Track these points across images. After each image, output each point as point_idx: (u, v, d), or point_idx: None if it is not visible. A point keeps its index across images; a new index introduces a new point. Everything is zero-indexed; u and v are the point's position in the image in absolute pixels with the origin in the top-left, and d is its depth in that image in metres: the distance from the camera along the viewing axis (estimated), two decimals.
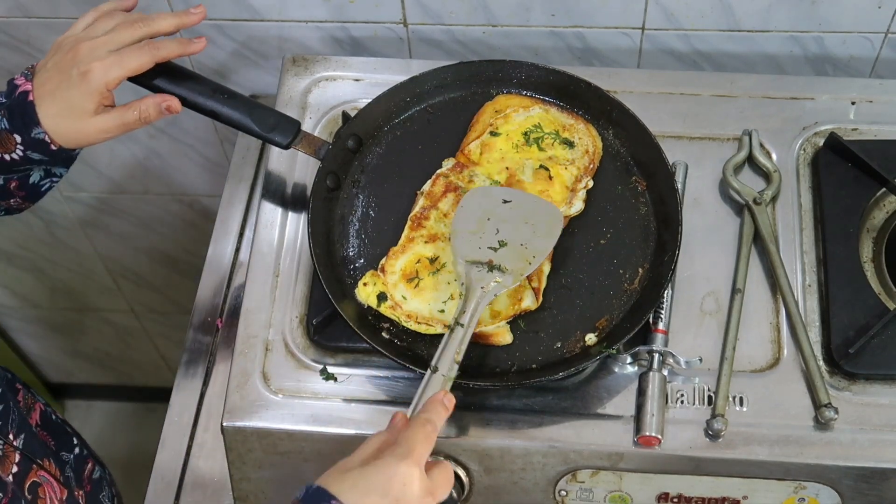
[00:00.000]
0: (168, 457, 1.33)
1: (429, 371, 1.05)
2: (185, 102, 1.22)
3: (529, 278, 1.16)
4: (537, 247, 1.13)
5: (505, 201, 1.17)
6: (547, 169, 1.23)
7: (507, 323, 1.17)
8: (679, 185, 1.26)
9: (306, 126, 1.36)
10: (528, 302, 1.16)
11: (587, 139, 1.27)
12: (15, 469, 1.10)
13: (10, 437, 1.12)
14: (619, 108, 1.29)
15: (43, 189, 1.22)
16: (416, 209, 1.22)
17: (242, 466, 1.22)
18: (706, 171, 1.33)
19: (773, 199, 1.30)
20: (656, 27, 1.49)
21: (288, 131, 1.24)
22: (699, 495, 1.20)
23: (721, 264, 1.26)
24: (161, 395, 1.48)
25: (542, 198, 1.20)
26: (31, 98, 1.12)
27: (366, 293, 1.18)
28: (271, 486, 1.24)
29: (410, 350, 1.17)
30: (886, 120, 1.36)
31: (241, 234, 1.49)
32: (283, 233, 1.30)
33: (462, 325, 1.07)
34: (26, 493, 1.11)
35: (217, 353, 1.40)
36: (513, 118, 1.27)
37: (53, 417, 1.34)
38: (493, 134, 1.26)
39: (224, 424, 1.18)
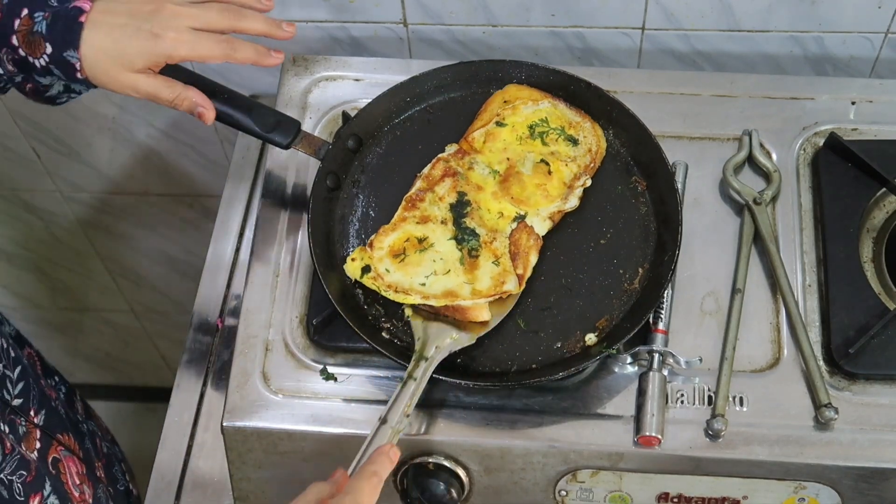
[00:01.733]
0: (168, 457, 1.33)
1: (377, 422, 1.06)
2: None
3: (514, 264, 1.17)
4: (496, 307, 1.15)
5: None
6: (547, 164, 1.23)
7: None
8: (679, 185, 1.26)
9: (306, 126, 1.36)
10: (510, 286, 1.16)
11: (592, 138, 1.27)
12: (38, 445, 1.10)
13: (32, 413, 1.12)
14: (619, 108, 1.29)
15: (59, 101, 1.17)
16: (413, 190, 1.23)
17: (242, 466, 1.22)
18: (706, 171, 1.33)
19: (773, 199, 1.30)
20: (656, 27, 1.49)
21: (288, 131, 1.24)
22: (699, 495, 1.20)
23: (721, 264, 1.26)
24: (161, 395, 1.48)
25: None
26: (82, 19, 1.04)
27: (353, 268, 1.18)
28: (271, 486, 1.24)
29: (410, 350, 1.17)
30: (886, 120, 1.36)
31: (241, 234, 1.49)
32: (283, 233, 1.30)
33: (414, 380, 1.09)
34: (50, 469, 1.11)
35: (217, 353, 1.40)
36: (521, 110, 1.27)
37: (64, 389, 1.35)
38: (499, 124, 1.26)
39: (224, 424, 1.18)
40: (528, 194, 1.21)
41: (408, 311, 1.16)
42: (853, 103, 1.37)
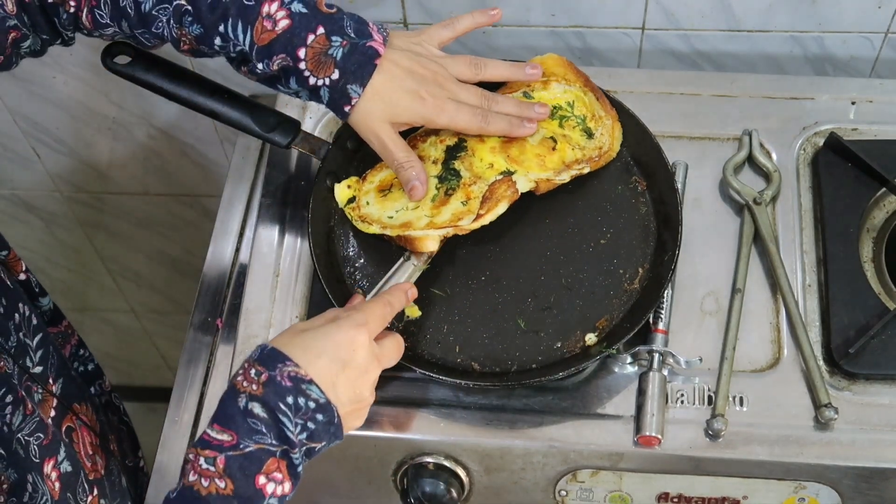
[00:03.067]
0: (168, 457, 1.33)
1: (402, 258, 1.13)
2: (185, 102, 1.22)
3: (482, 206, 1.17)
4: None
5: None
6: (555, 141, 1.22)
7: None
8: (679, 185, 1.26)
9: (306, 126, 1.36)
10: (465, 222, 1.16)
11: (607, 137, 1.26)
12: (53, 413, 1.11)
13: (50, 381, 1.13)
14: (619, 108, 1.28)
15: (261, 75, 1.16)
16: (419, 132, 1.24)
17: None
18: (706, 171, 1.33)
19: (773, 199, 1.30)
20: (656, 27, 1.49)
21: (288, 131, 1.24)
22: (699, 495, 1.20)
23: (721, 264, 1.26)
24: (161, 395, 1.48)
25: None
26: (377, 62, 1.10)
27: (342, 195, 1.22)
28: None
29: (411, 350, 1.17)
30: (886, 120, 1.36)
31: (241, 234, 1.48)
32: (283, 233, 1.30)
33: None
34: (63, 437, 1.12)
35: (217, 353, 1.40)
36: (551, 87, 1.26)
37: (92, 365, 1.38)
38: (526, 95, 1.25)
39: None
40: (525, 158, 1.20)
41: None
42: (853, 103, 1.37)
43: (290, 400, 0.94)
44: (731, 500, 1.20)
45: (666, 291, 1.20)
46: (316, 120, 1.38)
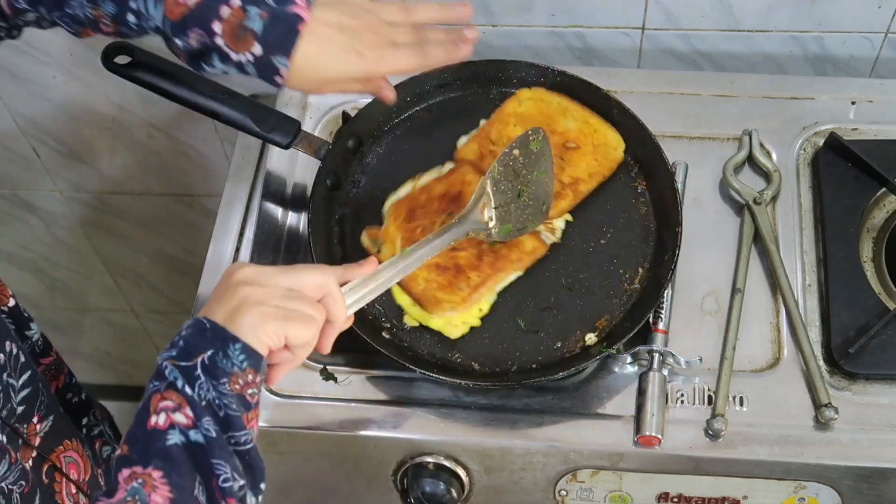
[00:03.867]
0: None
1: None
2: (185, 102, 1.22)
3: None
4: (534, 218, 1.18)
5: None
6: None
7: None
8: (679, 185, 1.26)
9: (306, 126, 1.36)
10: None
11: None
12: (34, 454, 1.10)
13: (35, 420, 1.12)
14: (619, 108, 1.28)
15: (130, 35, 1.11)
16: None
17: None
18: (706, 171, 1.33)
19: (773, 199, 1.30)
20: (656, 27, 1.49)
21: (288, 131, 1.24)
22: (699, 495, 1.20)
23: (721, 264, 1.26)
24: None
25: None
26: (300, 28, 1.03)
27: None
28: (271, 486, 1.23)
29: (410, 350, 1.17)
30: (886, 120, 1.36)
31: (241, 234, 1.48)
32: (283, 233, 1.30)
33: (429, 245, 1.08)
34: (43, 479, 1.11)
35: None
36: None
37: (73, 380, 1.35)
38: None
39: None
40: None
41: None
42: (853, 103, 1.37)
43: (168, 346, 0.94)
44: (731, 500, 1.20)
45: (666, 291, 1.20)
46: (316, 120, 1.38)
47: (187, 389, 0.90)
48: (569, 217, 1.24)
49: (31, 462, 1.09)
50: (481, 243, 1.19)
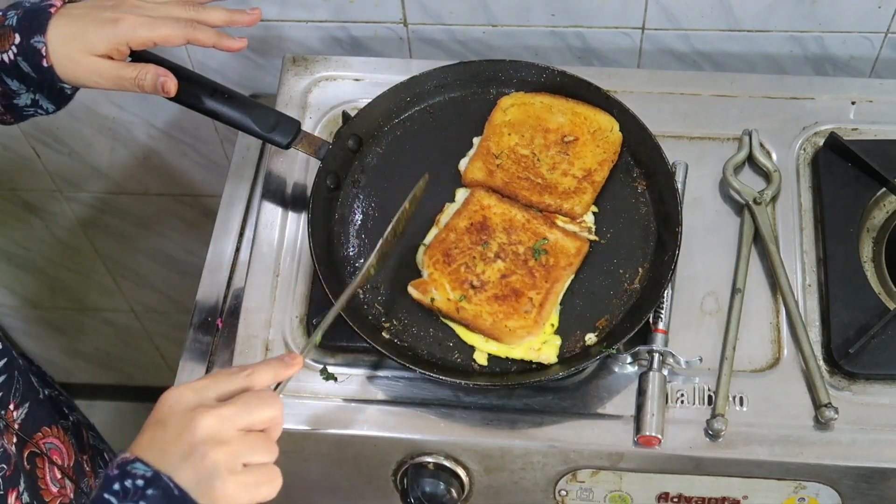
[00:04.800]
0: None
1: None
2: (185, 102, 1.22)
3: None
4: None
5: None
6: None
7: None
8: (679, 185, 1.26)
9: (306, 126, 1.36)
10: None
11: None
12: (15, 440, 1.10)
13: (11, 407, 1.12)
14: (619, 108, 1.29)
15: (25, 114, 1.20)
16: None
17: None
18: (706, 171, 1.33)
19: (773, 198, 1.30)
20: (656, 27, 1.49)
21: (288, 131, 1.24)
22: (699, 495, 1.20)
23: (721, 264, 1.26)
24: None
25: None
26: (51, 10, 1.11)
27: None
28: None
29: (410, 350, 1.17)
30: (886, 120, 1.36)
31: (241, 234, 1.49)
32: (283, 233, 1.30)
33: None
34: (25, 465, 1.11)
35: (217, 353, 1.40)
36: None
37: (55, 386, 1.35)
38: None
39: None
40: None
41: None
42: (853, 103, 1.37)
43: (115, 487, 0.85)
44: (731, 500, 1.20)
45: (666, 291, 1.20)
46: (316, 120, 1.38)
47: None
48: (595, 209, 1.25)
49: (14, 447, 1.09)
50: (527, 261, 1.19)
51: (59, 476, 1.17)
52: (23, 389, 1.15)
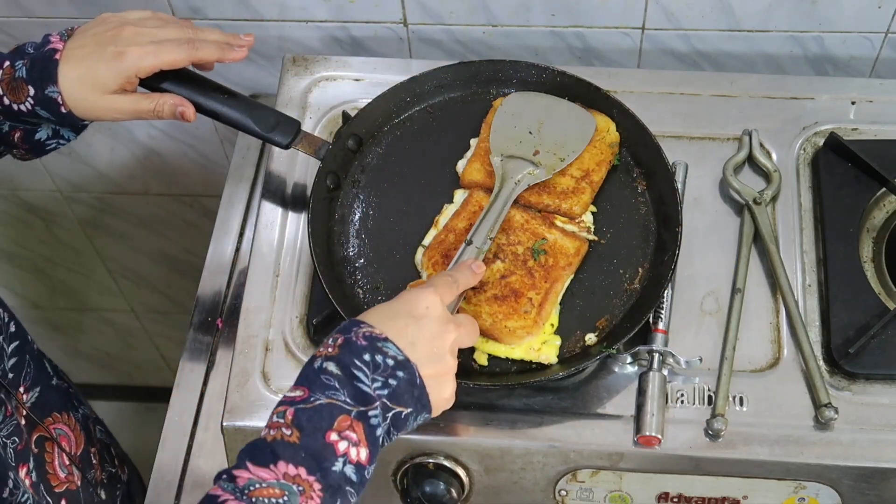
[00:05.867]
0: (168, 457, 1.33)
1: (464, 244, 1.13)
2: None
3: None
4: (570, 147, 1.24)
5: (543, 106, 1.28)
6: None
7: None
8: (679, 185, 1.26)
9: (306, 126, 1.36)
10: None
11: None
12: (24, 422, 1.11)
13: (22, 389, 1.13)
14: (619, 108, 1.29)
15: (48, 148, 1.23)
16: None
17: None
18: (706, 171, 1.33)
19: (773, 198, 1.30)
20: (656, 27, 1.49)
21: (288, 131, 1.24)
22: (699, 495, 1.20)
23: (721, 264, 1.26)
24: (161, 395, 1.48)
25: (577, 105, 1.29)
26: (57, 57, 1.12)
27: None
28: None
29: None
30: (886, 120, 1.36)
31: (241, 234, 1.49)
32: (283, 233, 1.30)
33: (497, 206, 1.17)
34: (33, 447, 1.12)
35: (217, 353, 1.40)
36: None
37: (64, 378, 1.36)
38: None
39: (224, 424, 1.18)
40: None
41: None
42: (853, 103, 1.37)
43: (366, 357, 0.92)
44: (731, 500, 1.20)
45: (666, 291, 1.20)
46: (316, 120, 1.38)
47: (377, 434, 0.92)
48: (593, 209, 1.25)
49: (24, 424, 1.10)
50: (526, 262, 1.19)
51: (66, 462, 1.17)
52: (34, 373, 1.16)
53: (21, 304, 2.35)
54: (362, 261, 1.23)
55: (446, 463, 1.19)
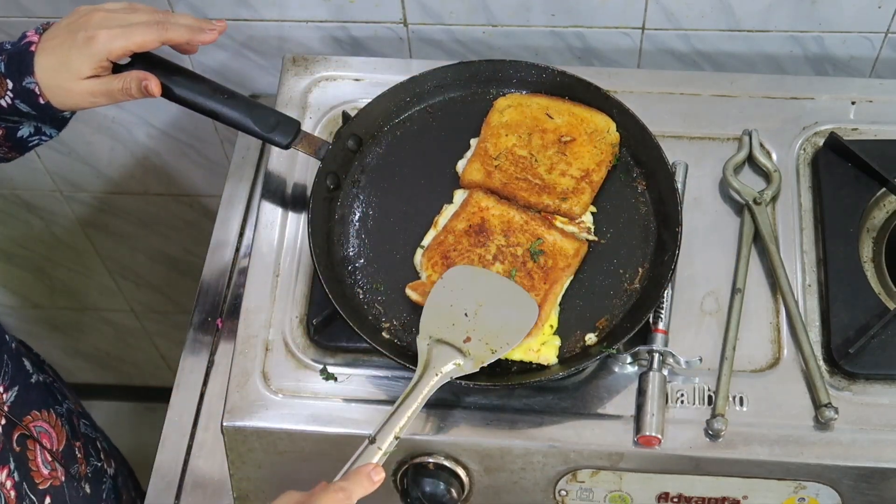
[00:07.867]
0: (168, 457, 1.33)
1: (366, 441, 1.03)
2: (185, 102, 1.22)
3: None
4: (504, 338, 1.12)
5: (484, 286, 1.16)
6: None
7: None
8: (679, 185, 1.26)
9: (306, 126, 1.36)
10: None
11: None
12: (3, 422, 1.11)
13: (0, 389, 1.13)
14: (619, 108, 1.29)
15: (30, 144, 1.24)
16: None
17: (242, 466, 1.22)
18: (706, 171, 1.33)
19: (773, 198, 1.30)
20: (656, 27, 1.49)
21: (288, 131, 1.24)
22: (699, 495, 1.20)
23: (721, 264, 1.26)
24: (161, 395, 1.48)
25: (523, 290, 1.17)
26: (33, 49, 1.15)
27: None
28: (271, 486, 1.24)
29: (410, 350, 1.17)
30: (886, 120, 1.36)
31: (241, 234, 1.49)
32: (283, 233, 1.30)
33: (410, 402, 1.06)
34: (14, 446, 1.12)
35: (217, 353, 1.40)
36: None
37: (50, 372, 1.37)
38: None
39: (224, 424, 1.18)
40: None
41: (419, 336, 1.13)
42: (853, 103, 1.37)
43: None
44: (731, 500, 1.20)
45: (666, 291, 1.20)
46: (316, 120, 1.38)
47: None
48: (593, 209, 1.25)
49: (1, 429, 1.10)
50: (525, 263, 1.19)
51: (49, 459, 1.18)
52: (12, 372, 1.16)
53: (21, 304, 2.35)
54: (362, 261, 1.23)
55: (446, 463, 1.19)
